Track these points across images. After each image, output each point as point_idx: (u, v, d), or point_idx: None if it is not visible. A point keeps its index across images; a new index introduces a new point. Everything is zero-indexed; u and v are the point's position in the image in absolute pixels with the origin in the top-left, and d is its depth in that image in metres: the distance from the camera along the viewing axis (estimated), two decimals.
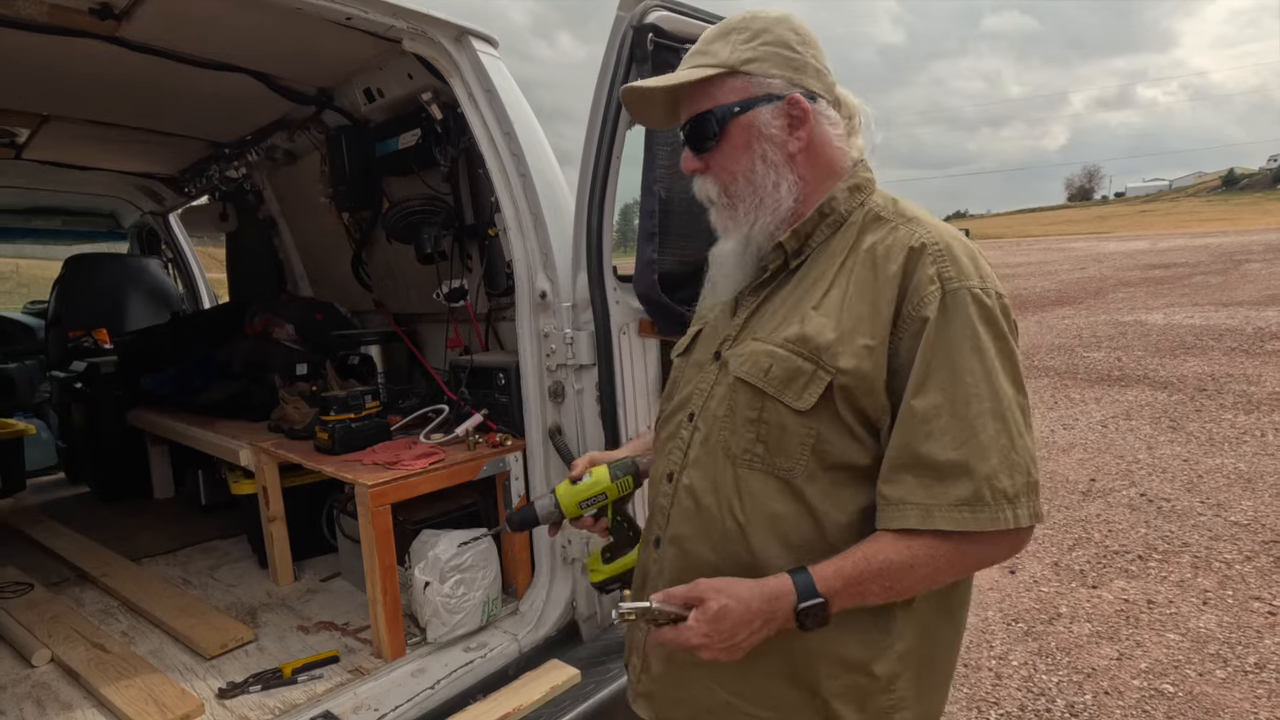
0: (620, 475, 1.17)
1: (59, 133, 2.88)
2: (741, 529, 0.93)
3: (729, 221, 1.00)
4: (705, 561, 0.96)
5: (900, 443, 0.85)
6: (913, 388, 0.84)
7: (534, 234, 1.89)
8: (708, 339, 1.07)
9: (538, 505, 1.16)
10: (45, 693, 1.73)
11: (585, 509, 1.16)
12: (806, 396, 0.88)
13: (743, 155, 0.97)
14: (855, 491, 0.90)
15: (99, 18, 1.87)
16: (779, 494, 0.91)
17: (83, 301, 3.87)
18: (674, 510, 1.01)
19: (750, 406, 0.93)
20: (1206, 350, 8.05)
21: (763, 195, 0.97)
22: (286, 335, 2.87)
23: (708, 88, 0.98)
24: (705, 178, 1.01)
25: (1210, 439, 5.13)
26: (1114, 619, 2.97)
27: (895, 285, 0.87)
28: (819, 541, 0.90)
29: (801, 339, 0.90)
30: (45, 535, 2.75)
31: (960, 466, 0.82)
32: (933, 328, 0.84)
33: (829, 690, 0.92)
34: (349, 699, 1.63)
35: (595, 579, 1.25)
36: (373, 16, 1.72)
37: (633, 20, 1.67)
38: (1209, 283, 14.55)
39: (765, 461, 0.92)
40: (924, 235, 0.89)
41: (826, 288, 0.93)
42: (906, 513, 0.83)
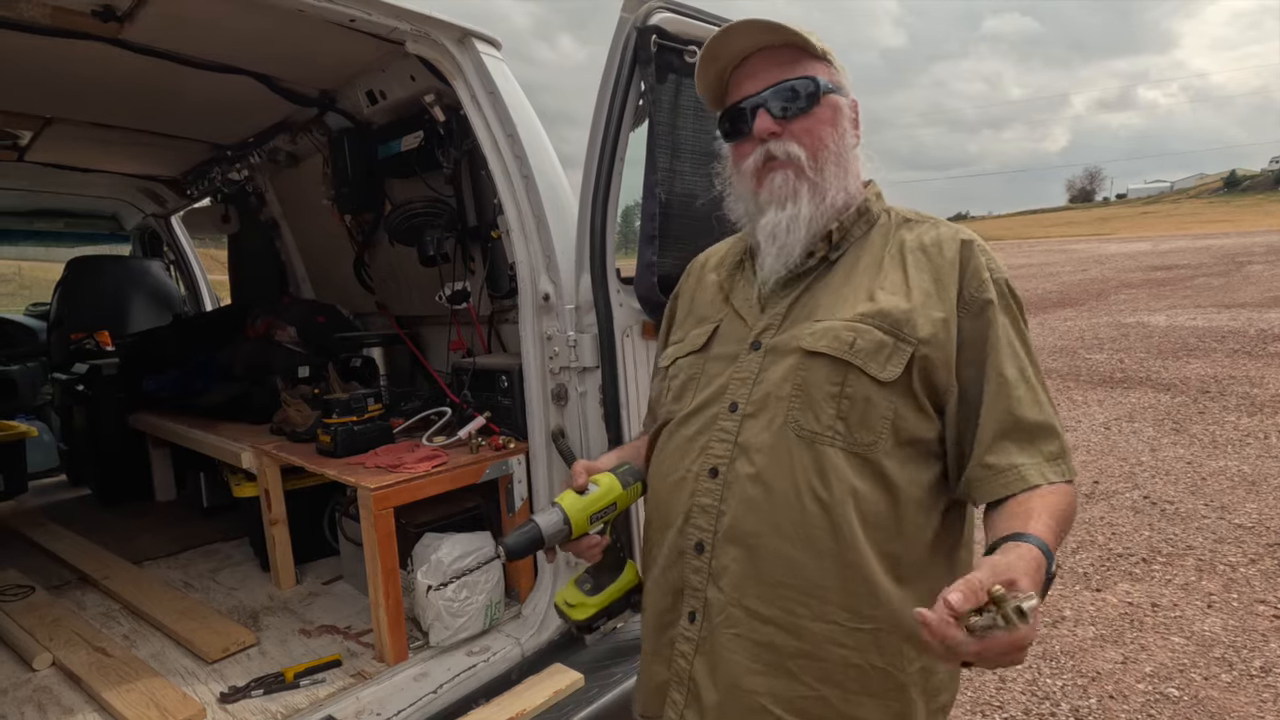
0: (630, 482, 1.06)
1: (62, 135, 2.88)
2: (825, 509, 0.90)
3: (807, 186, 0.98)
4: (780, 555, 0.92)
5: (1000, 410, 0.90)
6: (997, 361, 0.92)
7: (537, 236, 1.89)
8: (729, 334, 1.06)
9: (542, 523, 0.99)
10: (46, 697, 1.72)
11: (594, 523, 1.02)
12: (890, 368, 0.90)
13: (830, 129, 0.99)
14: (924, 466, 0.93)
15: (101, 20, 1.86)
16: (859, 470, 0.90)
17: (85, 304, 3.87)
18: (731, 505, 0.95)
19: (830, 381, 0.92)
20: (1209, 352, 8.03)
21: (846, 169, 1.00)
22: (288, 337, 2.86)
23: (800, 59, 0.99)
24: (785, 140, 0.98)
25: (1214, 441, 5.11)
26: (1118, 622, 2.95)
27: (955, 269, 0.95)
28: (891, 518, 0.91)
29: (879, 314, 0.93)
30: (47, 538, 2.74)
31: (1047, 426, 0.91)
32: (995, 310, 0.93)
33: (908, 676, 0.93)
34: (351, 703, 1.62)
35: (580, 616, 1.06)
36: (376, 18, 1.72)
37: (636, 22, 1.66)
38: (1211, 284, 14.53)
39: (846, 438, 0.91)
40: (966, 233, 0.99)
41: (882, 272, 0.97)
42: (1027, 473, 0.88)
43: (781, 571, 0.91)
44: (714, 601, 0.96)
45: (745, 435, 0.96)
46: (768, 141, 0.99)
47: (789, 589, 0.91)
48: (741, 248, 1.14)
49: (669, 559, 1.02)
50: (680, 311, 1.21)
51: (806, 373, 0.94)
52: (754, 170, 1.01)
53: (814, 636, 0.91)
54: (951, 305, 0.93)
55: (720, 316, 1.09)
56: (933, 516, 0.94)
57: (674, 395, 1.09)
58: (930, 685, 0.95)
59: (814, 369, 0.93)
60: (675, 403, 1.07)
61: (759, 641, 0.93)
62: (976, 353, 0.93)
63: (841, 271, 1.01)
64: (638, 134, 1.78)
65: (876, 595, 0.90)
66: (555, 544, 1.00)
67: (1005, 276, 0.96)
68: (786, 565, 0.91)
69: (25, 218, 4.29)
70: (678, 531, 1.00)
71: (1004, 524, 0.84)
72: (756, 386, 0.97)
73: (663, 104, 1.71)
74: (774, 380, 0.96)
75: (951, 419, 0.94)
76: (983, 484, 0.91)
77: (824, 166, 0.98)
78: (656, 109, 1.71)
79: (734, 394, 0.99)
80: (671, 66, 1.71)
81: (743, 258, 1.12)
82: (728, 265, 1.15)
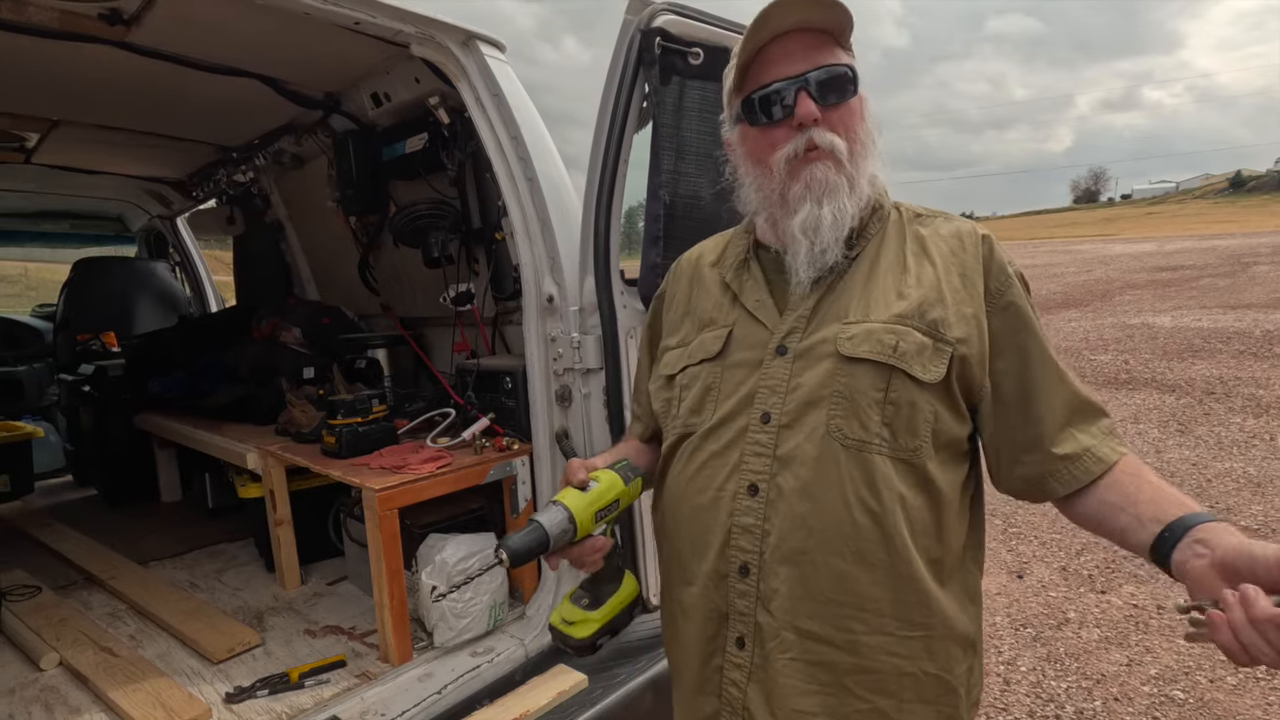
0: (631, 477, 0.99)
1: (68, 137, 2.89)
2: (876, 520, 0.87)
3: (845, 181, 0.93)
4: (832, 571, 0.88)
5: (1061, 399, 0.91)
6: (1041, 349, 0.92)
7: (541, 238, 1.89)
8: (746, 339, 0.99)
9: (546, 522, 0.90)
10: (54, 696, 1.73)
11: (598, 522, 0.94)
12: (934, 369, 0.88)
13: (860, 124, 0.95)
14: (958, 467, 0.93)
15: (108, 23, 1.87)
16: (906, 477, 0.88)
17: (91, 305, 3.89)
18: (777, 523, 0.90)
19: (875, 386, 0.89)
20: (1215, 353, 8.00)
21: (873, 168, 0.97)
22: (293, 339, 2.87)
23: (834, 46, 0.95)
24: (825, 130, 0.93)
25: (1219, 443, 5.10)
26: (1123, 624, 2.95)
27: (979, 264, 0.94)
28: (933, 523, 0.90)
29: (915, 313, 0.91)
30: (53, 538, 2.75)
31: (1094, 404, 0.93)
32: (1023, 305, 0.93)
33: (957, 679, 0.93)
34: (356, 703, 1.63)
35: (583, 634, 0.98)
36: (381, 21, 1.72)
37: (640, 24, 1.67)
38: (1217, 285, 14.47)
39: (892, 444, 0.88)
40: (981, 228, 0.98)
41: (908, 268, 0.95)
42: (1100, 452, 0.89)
43: (834, 588, 0.88)
44: (765, 626, 0.92)
45: (785, 447, 0.91)
46: (810, 129, 0.92)
47: (843, 605, 0.88)
48: (745, 244, 1.07)
49: (709, 583, 0.96)
50: (673, 313, 1.14)
51: (849, 379, 0.90)
52: (788, 160, 0.93)
53: (869, 650, 0.88)
54: (980, 301, 0.92)
55: (732, 320, 1.03)
56: (964, 516, 0.94)
57: (691, 407, 1.01)
58: (971, 683, 0.95)
59: (857, 374, 0.89)
60: (694, 415, 1.01)
61: (813, 661, 0.90)
62: (1013, 348, 0.92)
63: (863, 269, 0.97)
64: (642, 136, 1.78)
65: (927, 603, 0.89)
66: (560, 546, 0.92)
67: (1020, 270, 0.97)
68: (839, 581, 0.88)
69: (32, 219, 4.32)
70: (717, 554, 0.94)
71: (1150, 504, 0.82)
72: (791, 395, 0.92)
73: (667, 106, 1.72)
74: (810, 387, 0.91)
75: (988, 417, 0.93)
76: (1059, 476, 0.90)
77: (859, 160, 0.94)
78: (660, 111, 1.71)
79: (764, 403, 0.94)
80: (675, 69, 1.71)
81: (747, 256, 1.06)
82: (731, 264, 1.08)
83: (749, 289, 1.03)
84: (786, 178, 0.94)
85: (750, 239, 1.08)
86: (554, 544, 0.90)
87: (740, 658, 0.94)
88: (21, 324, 4.54)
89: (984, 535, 1.01)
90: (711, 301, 1.07)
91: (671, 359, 1.08)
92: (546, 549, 0.90)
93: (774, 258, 1.03)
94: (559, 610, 1.02)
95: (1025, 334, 0.92)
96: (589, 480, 0.97)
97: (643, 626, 1.94)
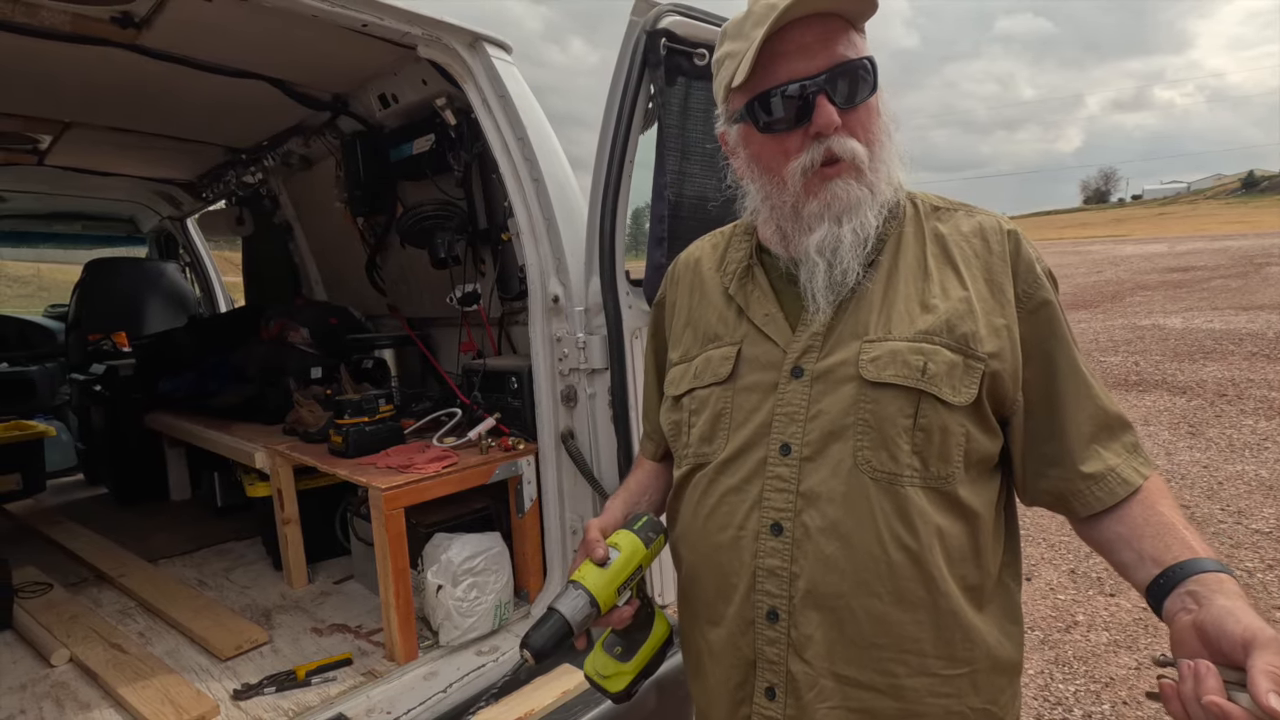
0: (653, 538, 0.93)
1: (80, 139, 2.93)
2: (914, 558, 0.80)
3: (869, 193, 0.84)
4: (870, 615, 0.81)
5: (1087, 413, 0.85)
6: (1070, 362, 0.86)
7: (546, 238, 1.90)
8: (757, 359, 0.91)
9: (566, 610, 0.84)
10: (64, 692, 1.75)
11: (621, 594, 0.89)
12: (965, 391, 0.81)
13: (878, 124, 0.86)
14: (990, 484, 0.87)
15: (120, 26, 1.89)
16: (940, 506, 0.82)
17: (102, 305, 3.93)
18: (806, 566, 0.83)
19: (904, 413, 0.81)
20: (1226, 355, 7.93)
21: (892, 173, 0.87)
22: (301, 339, 2.89)
23: (850, 34, 0.83)
24: (845, 135, 0.83)
25: (1230, 445, 5.05)
26: (1132, 628, 2.92)
27: (1007, 265, 0.86)
28: (970, 549, 0.84)
29: (944, 328, 0.82)
30: (64, 536, 2.78)
31: (1121, 418, 0.87)
32: (1055, 307, 0.87)
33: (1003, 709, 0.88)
34: (362, 701, 1.64)
35: (618, 687, 0.95)
36: (388, 23, 1.74)
37: (646, 25, 1.67)
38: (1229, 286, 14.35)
39: (924, 474, 0.81)
40: (1007, 221, 0.90)
41: (930, 275, 0.87)
42: (1125, 473, 0.84)
43: (873, 632, 0.82)
44: (799, 675, 0.85)
45: (809, 483, 0.83)
46: (829, 138, 0.82)
47: (884, 650, 0.82)
48: (747, 248, 0.98)
49: (735, 629, 0.89)
50: (675, 323, 1.05)
51: (874, 405, 0.82)
52: (804, 172, 0.84)
53: (914, 693, 0.83)
54: (1010, 308, 0.84)
55: (739, 337, 0.93)
56: (1000, 533, 0.88)
57: (702, 435, 0.93)
58: (1015, 707, 0.91)
59: (883, 401, 0.81)
60: (706, 444, 0.93)
61: (856, 709, 0.84)
62: (1040, 355, 0.85)
63: (881, 276, 0.88)
64: (647, 137, 1.78)
65: (970, 636, 0.83)
66: (584, 630, 0.87)
67: (1049, 266, 0.89)
68: (878, 624, 0.82)
69: (44, 220, 4.37)
70: (743, 598, 0.87)
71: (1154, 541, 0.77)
72: (811, 424, 0.84)
73: (672, 107, 1.72)
74: (832, 415, 0.83)
75: (1019, 430, 0.86)
76: (1083, 496, 0.84)
77: (879, 166, 0.85)
78: (666, 112, 1.72)
79: (783, 433, 0.86)
80: (681, 69, 1.72)
81: (750, 262, 0.97)
82: (732, 270, 0.98)
83: (755, 301, 0.94)
84: (802, 192, 0.85)
85: (753, 242, 0.98)
86: (577, 630, 0.86)
87: (771, 709, 0.87)
88: (34, 324, 4.58)
89: (1020, 547, 0.94)
90: (715, 313, 0.98)
91: (676, 377, 1.00)
92: (570, 637, 0.86)
93: (781, 264, 0.93)
94: (593, 661, 0.98)
95: (1053, 340, 0.86)
96: (607, 553, 0.89)
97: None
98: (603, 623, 0.90)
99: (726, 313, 0.97)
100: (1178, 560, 0.74)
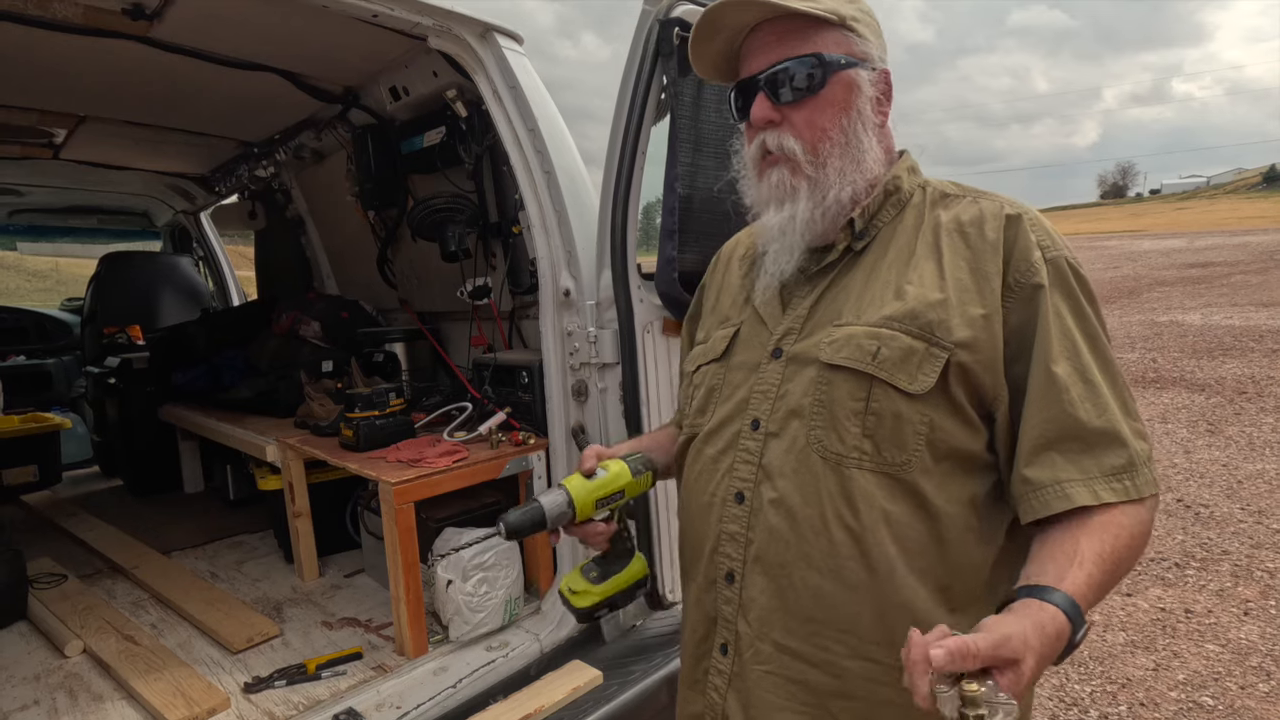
0: (641, 470, 1.02)
1: (95, 133, 2.94)
2: (855, 538, 0.82)
3: (806, 184, 0.89)
4: (809, 588, 0.85)
5: (1046, 416, 0.79)
6: (1044, 356, 0.80)
7: (558, 231, 1.88)
8: (749, 339, 0.97)
9: (545, 502, 0.95)
10: (77, 683, 1.76)
11: (600, 509, 0.98)
12: (922, 379, 0.80)
13: (840, 114, 0.88)
14: (965, 481, 0.83)
15: (131, 18, 1.89)
16: (891, 493, 0.82)
17: (117, 299, 3.95)
18: (757, 534, 0.89)
19: (854, 397, 0.83)
20: (1246, 352, 7.81)
21: (858, 159, 0.89)
22: (313, 333, 2.90)
23: (809, 32, 0.88)
24: (781, 131, 0.89)
25: (1250, 443, 4.97)
26: (1150, 628, 2.88)
27: (998, 253, 0.83)
28: (931, 542, 0.82)
29: (908, 315, 0.83)
30: (79, 527, 2.80)
31: (1109, 434, 0.78)
32: (1047, 296, 0.81)
33: None
34: (372, 696, 1.63)
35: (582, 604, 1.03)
36: (399, 14, 1.72)
37: (659, 14, 1.65)
38: (1249, 282, 14.12)
39: (874, 458, 0.82)
40: (1014, 205, 0.87)
41: (913, 262, 0.87)
42: (1072, 490, 0.77)
43: (811, 605, 0.84)
44: (744, 635, 0.90)
45: (768, 457, 0.88)
46: (764, 131, 0.90)
47: (821, 624, 0.85)
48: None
49: (702, 587, 0.96)
50: (706, 306, 1.12)
51: (828, 387, 0.85)
52: (754, 162, 0.93)
53: (852, 675, 0.84)
54: (995, 298, 0.82)
55: (741, 318, 1.00)
56: (985, 536, 0.84)
57: (697, 407, 1.01)
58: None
59: (836, 383, 0.84)
60: (699, 416, 1.00)
61: (791, 679, 0.87)
62: (1023, 347, 0.81)
63: (868, 264, 0.90)
64: (659, 130, 1.76)
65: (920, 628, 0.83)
66: (558, 526, 0.97)
67: (1064, 254, 0.83)
68: (816, 599, 0.84)
69: (61, 214, 4.40)
70: (708, 559, 0.94)
71: (1041, 563, 0.74)
72: (779, 401, 0.89)
73: (684, 98, 1.70)
74: (796, 395, 0.88)
75: (1002, 426, 0.83)
76: (1021, 501, 0.81)
77: (826, 160, 0.88)
78: (678, 103, 1.69)
79: (755, 409, 0.91)
80: None
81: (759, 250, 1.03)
82: (748, 259, 1.05)
83: (758, 287, 0.99)
84: (756, 179, 0.93)
85: None
86: (551, 523, 0.95)
87: (723, 664, 0.94)
88: (50, 317, 4.63)
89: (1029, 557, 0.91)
90: (730, 298, 1.05)
91: (694, 355, 1.07)
92: (543, 527, 0.95)
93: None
94: (569, 578, 1.06)
95: (1041, 332, 0.80)
96: (596, 469, 0.99)
97: (657, 623, 1.93)
98: (578, 531, 0.99)
99: (738, 297, 1.04)
100: (1033, 584, 0.71)
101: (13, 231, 4.61)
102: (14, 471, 3.20)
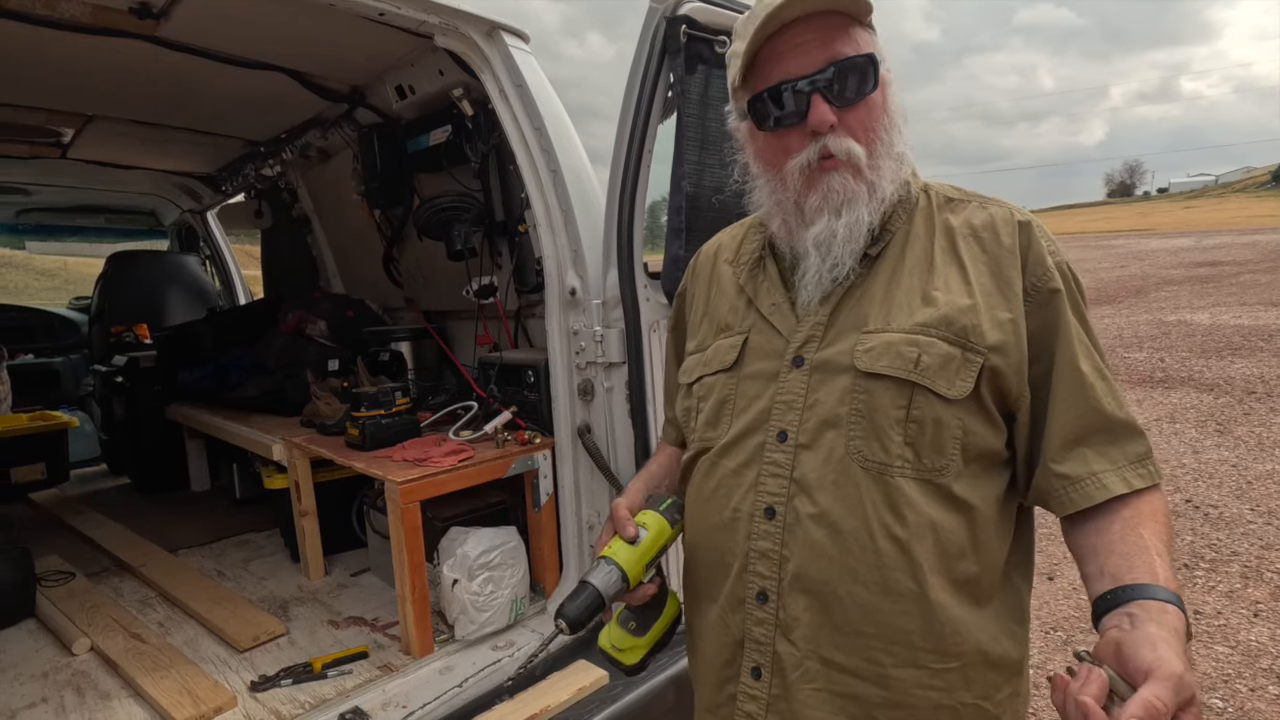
0: (678, 519, 0.97)
1: (102, 132, 2.95)
2: (902, 548, 0.81)
3: (865, 189, 0.85)
4: (857, 602, 0.83)
5: (1077, 412, 0.83)
6: (1070, 356, 0.84)
7: (564, 230, 1.87)
8: (761, 348, 0.93)
9: (599, 584, 0.89)
10: (84, 681, 1.76)
11: (648, 571, 0.93)
12: (960, 384, 0.81)
13: (882, 115, 0.86)
14: (991, 480, 0.85)
15: (138, 17, 1.90)
16: (933, 499, 0.82)
17: (124, 297, 3.98)
18: (794, 550, 0.85)
19: (896, 405, 0.82)
20: (1255, 351, 7.75)
21: (898, 162, 0.88)
22: (319, 332, 2.90)
23: (851, 30, 0.84)
24: (843, 134, 0.85)
25: (1260, 443, 4.93)
26: None
27: (1016, 258, 0.85)
28: (968, 542, 0.83)
29: (943, 321, 0.83)
30: (87, 525, 2.82)
31: (1129, 424, 0.84)
32: (1063, 300, 0.85)
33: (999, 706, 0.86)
34: (378, 695, 1.63)
35: (632, 660, 0.98)
36: (405, 12, 1.72)
37: (665, 11, 1.64)
38: (1258, 281, 14.02)
39: (915, 465, 0.82)
40: (1021, 212, 0.89)
41: (935, 268, 0.87)
42: (1108, 480, 0.81)
43: (860, 619, 0.83)
44: (786, 656, 0.87)
45: (802, 469, 0.85)
46: (825, 136, 0.84)
47: (870, 637, 0.83)
48: (760, 240, 1.00)
49: (727, 607, 0.91)
50: (694, 314, 1.08)
51: (867, 396, 0.83)
52: (803, 169, 0.86)
53: (901, 684, 0.83)
54: (1018, 302, 0.83)
55: (748, 326, 0.96)
56: (1005, 530, 0.87)
57: (707, 420, 0.97)
58: (1015, 706, 0.89)
59: (876, 391, 0.83)
60: (710, 429, 0.96)
61: (841, 693, 0.85)
62: (1045, 349, 0.84)
63: (886, 269, 0.89)
64: (666, 128, 1.75)
65: (960, 631, 0.82)
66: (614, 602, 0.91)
67: (1066, 260, 0.86)
68: (864, 612, 0.82)
69: (69, 214, 4.42)
70: (735, 578, 0.90)
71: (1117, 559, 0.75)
72: (808, 412, 0.86)
73: (691, 96, 1.69)
74: (828, 405, 0.85)
75: (1023, 425, 0.85)
76: (1057, 495, 0.83)
77: (880, 163, 0.86)
78: (685, 101, 1.69)
79: (781, 420, 0.88)
80: (701, 57, 1.68)
81: (762, 253, 0.99)
82: (745, 262, 1.01)
83: (764, 292, 0.96)
84: (802, 187, 0.87)
85: (765, 234, 0.99)
86: (608, 603, 0.90)
87: (756, 689, 0.89)
88: (58, 316, 4.65)
89: (1033, 547, 0.93)
90: (727, 304, 1.01)
91: (690, 365, 1.03)
92: (602, 609, 0.90)
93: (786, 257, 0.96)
94: (608, 634, 1.01)
95: (1057, 335, 0.84)
96: (638, 533, 0.93)
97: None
98: (628, 598, 0.93)
99: (737, 303, 1.00)
100: (1133, 582, 0.73)
101: (21, 230, 4.63)
102: (22, 469, 3.22)
